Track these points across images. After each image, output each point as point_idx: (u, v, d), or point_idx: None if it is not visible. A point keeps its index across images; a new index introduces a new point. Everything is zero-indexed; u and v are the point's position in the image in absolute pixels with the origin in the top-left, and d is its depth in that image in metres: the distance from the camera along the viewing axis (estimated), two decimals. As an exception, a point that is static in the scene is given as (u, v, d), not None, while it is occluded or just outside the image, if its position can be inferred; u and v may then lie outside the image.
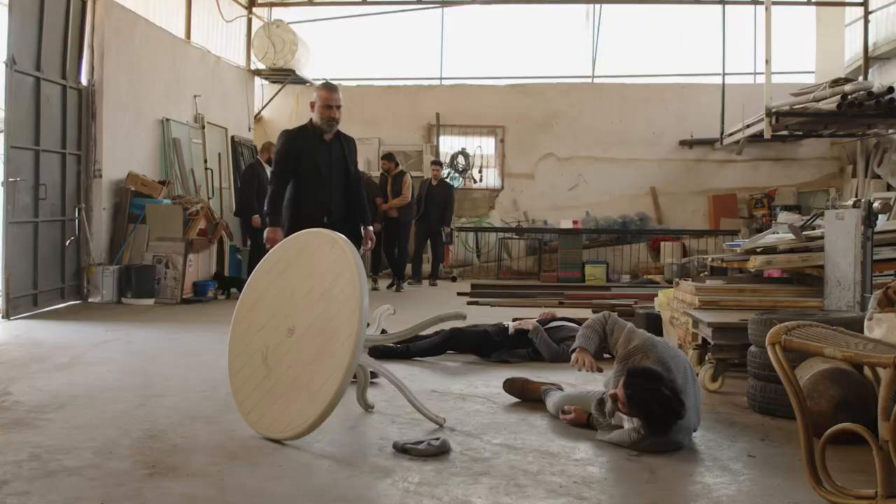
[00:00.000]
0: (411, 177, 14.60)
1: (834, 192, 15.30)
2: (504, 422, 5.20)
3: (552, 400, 5.33)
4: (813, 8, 16.87)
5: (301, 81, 17.39)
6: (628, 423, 4.62)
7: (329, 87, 6.74)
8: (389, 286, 13.79)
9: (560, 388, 5.63)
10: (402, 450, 4.43)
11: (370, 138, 17.11)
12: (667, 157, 17.08)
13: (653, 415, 4.38)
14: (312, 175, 6.71)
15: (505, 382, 5.87)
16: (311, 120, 6.76)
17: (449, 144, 17.60)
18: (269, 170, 12.80)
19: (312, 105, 6.68)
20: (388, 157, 14.41)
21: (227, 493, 3.82)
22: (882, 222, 7.00)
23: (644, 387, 4.39)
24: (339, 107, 6.70)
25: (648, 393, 4.37)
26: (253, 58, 17.05)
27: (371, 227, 7.11)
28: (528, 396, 5.70)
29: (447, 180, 15.96)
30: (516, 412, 5.46)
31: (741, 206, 16.55)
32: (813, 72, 16.92)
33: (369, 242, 6.95)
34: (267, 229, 6.73)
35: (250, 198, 12.74)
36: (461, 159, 17.47)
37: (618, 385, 4.57)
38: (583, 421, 5.00)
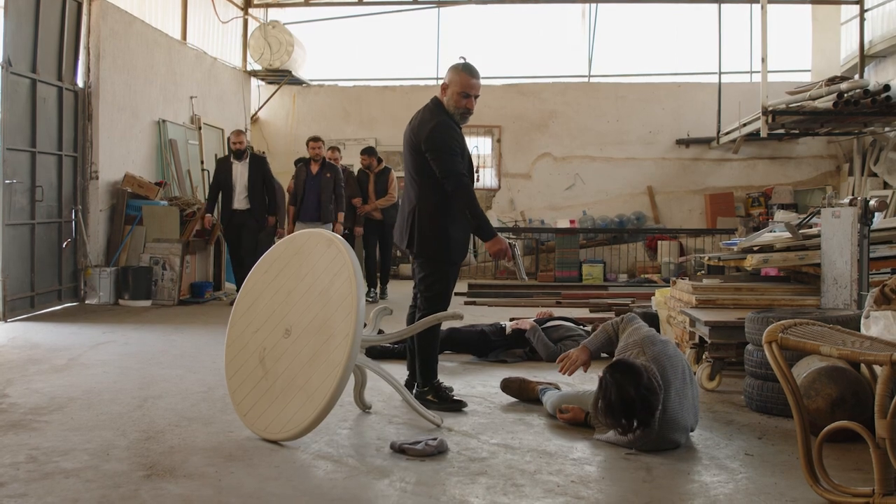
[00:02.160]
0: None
1: (830, 191, 15.31)
2: (501, 421, 5.20)
3: (549, 399, 5.33)
4: (809, 6, 16.86)
5: (297, 82, 17.39)
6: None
7: (470, 72, 5.55)
8: (367, 294, 11.81)
9: (557, 388, 5.64)
10: (400, 450, 4.43)
11: (367, 139, 17.10)
12: (663, 157, 17.07)
13: (611, 407, 4.41)
14: (469, 175, 5.62)
15: (502, 382, 5.87)
16: (438, 104, 5.63)
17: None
18: (240, 164, 11.25)
19: (444, 88, 5.57)
20: (369, 151, 12.59)
21: (224, 493, 3.82)
22: (878, 220, 7.01)
23: (615, 379, 4.42)
24: (477, 97, 5.62)
25: (616, 386, 4.39)
26: (249, 59, 17.03)
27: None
28: (525, 396, 5.71)
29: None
30: (513, 412, 5.47)
31: (738, 204, 16.54)
32: (809, 70, 16.91)
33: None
34: (489, 243, 5.49)
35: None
36: (458, 159, 17.42)
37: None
38: (580, 420, 5.00)
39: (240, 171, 11.34)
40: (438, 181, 5.47)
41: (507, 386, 5.81)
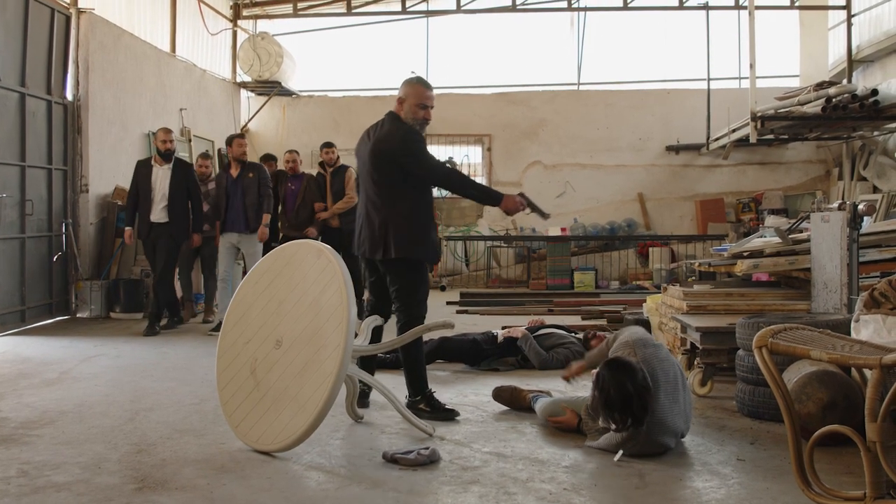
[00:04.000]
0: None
1: (820, 195, 15.34)
2: (493, 430, 5.20)
3: (541, 406, 5.33)
4: (796, 12, 16.94)
5: (287, 93, 17.40)
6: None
7: (426, 84, 5.84)
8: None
9: (549, 395, 5.64)
10: (392, 460, 4.43)
11: (357, 149, 17.09)
12: (653, 163, 17.11)
13: (609, 401, 4.45)
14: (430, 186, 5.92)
15: (494, 391, 5.86)
16: (396, 118, 5.81)
17: (436, 153, 17.51)
18: (162, 168, 9.80)
19: (401, 102, 5.78)
20: (330, 145, 11.26)
21: (216, 506, 3.82)
22: (867, 224, 7.03)
23: (614, 375, 4.48)
24: (432, 108, 5.86)
25: (615, 382, 4.44)
26: (238, 70, 17.05)
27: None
28: (517, 405, 5.70)
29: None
30: (506, 420, 5.46)
31: (728, 210, 16.58)
32: (797, 75, 16.99)
33: None
34: (503, 204, 5.74)
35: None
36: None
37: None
38: (573, 425, 5.00)
39: (161, 177, 9.86)
40: (408, 187, 5.65)
41: (499, 395, 5.81)
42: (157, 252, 9.84)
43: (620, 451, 4.51)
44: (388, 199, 5.67)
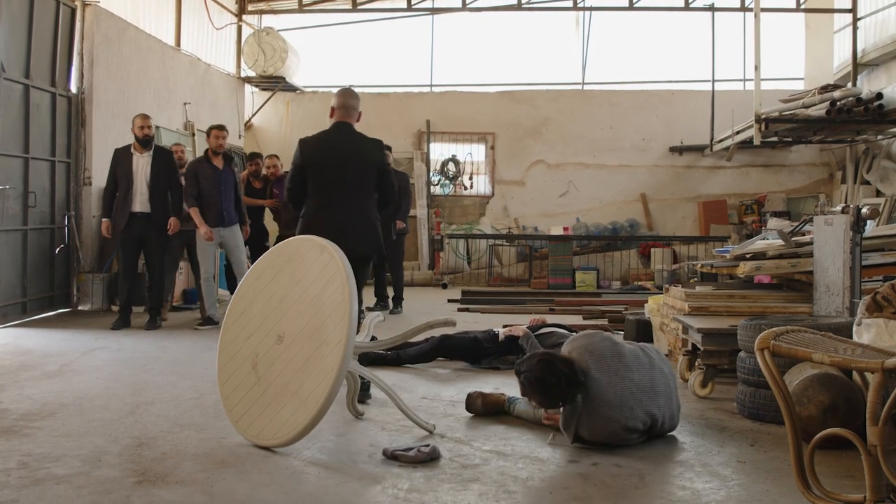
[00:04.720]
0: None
1: (823, 198, 15.32)
2: (494, 428, 5.19)
3: (523, 406, 5.33)
4: (802, 14, 16.92)
5: (291, 89, 17.39)
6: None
7: None
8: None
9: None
10: (392, 456, 4.43)
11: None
12: (657, 164, 17.11)
13: (532, 382, 4.66)
14: None
15: (467, 403, 5.63)
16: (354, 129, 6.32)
17: (439, 151, 17.59)
18: (142, 156, 9.43)
19: (359, 115, 6.36)
20: None
21: (216, 500, 3.82)
22: (870, 228, 7.02)
23: (527, 364, 4.73)
24: None
25: (528, 369, 4.68)
26: (243, 65, 17.04)
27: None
28: (491, 410, 5.54)
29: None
30: (506, 419, 5.45)
31: (731, 212, 16.57)
32: (802, 78, 16.97)
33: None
34: None
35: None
36: (451, 166, 17.46)
37: None
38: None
39: (142, 165, 9.48)
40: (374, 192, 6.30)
41: (471, 404, 5.57)
42: (148, 249, 9.65)
43: (568, 433, 4.67)
44: (367, 203, 6.25)
